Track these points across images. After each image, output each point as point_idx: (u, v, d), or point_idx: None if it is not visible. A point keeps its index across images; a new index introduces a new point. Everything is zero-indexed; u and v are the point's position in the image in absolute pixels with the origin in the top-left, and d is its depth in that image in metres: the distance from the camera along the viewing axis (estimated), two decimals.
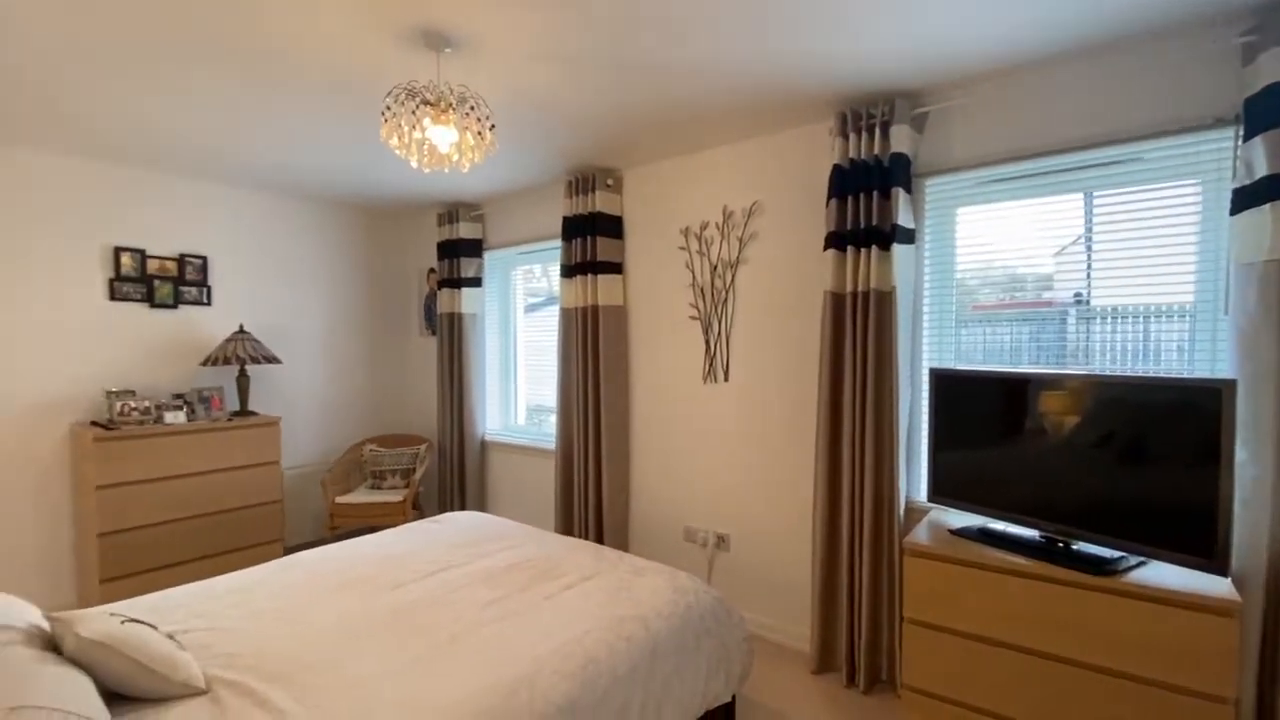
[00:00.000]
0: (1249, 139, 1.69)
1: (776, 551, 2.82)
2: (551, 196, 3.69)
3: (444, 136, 1.88)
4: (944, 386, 2.14)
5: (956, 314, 2.41)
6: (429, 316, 4.46)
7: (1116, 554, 1.77)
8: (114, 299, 3.27)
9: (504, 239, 4.03)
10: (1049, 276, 2.24)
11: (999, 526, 2.03)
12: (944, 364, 2.42)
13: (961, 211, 2.37)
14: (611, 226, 3.29)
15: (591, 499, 3.33)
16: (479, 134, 1.94)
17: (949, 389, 2.13)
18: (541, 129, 2.75)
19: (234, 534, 3.33)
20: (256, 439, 3.42)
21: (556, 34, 1.91)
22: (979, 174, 2.28)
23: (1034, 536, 1.93)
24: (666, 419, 3.21)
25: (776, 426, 2.81)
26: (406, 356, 4.67)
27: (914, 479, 2.45)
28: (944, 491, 2.13)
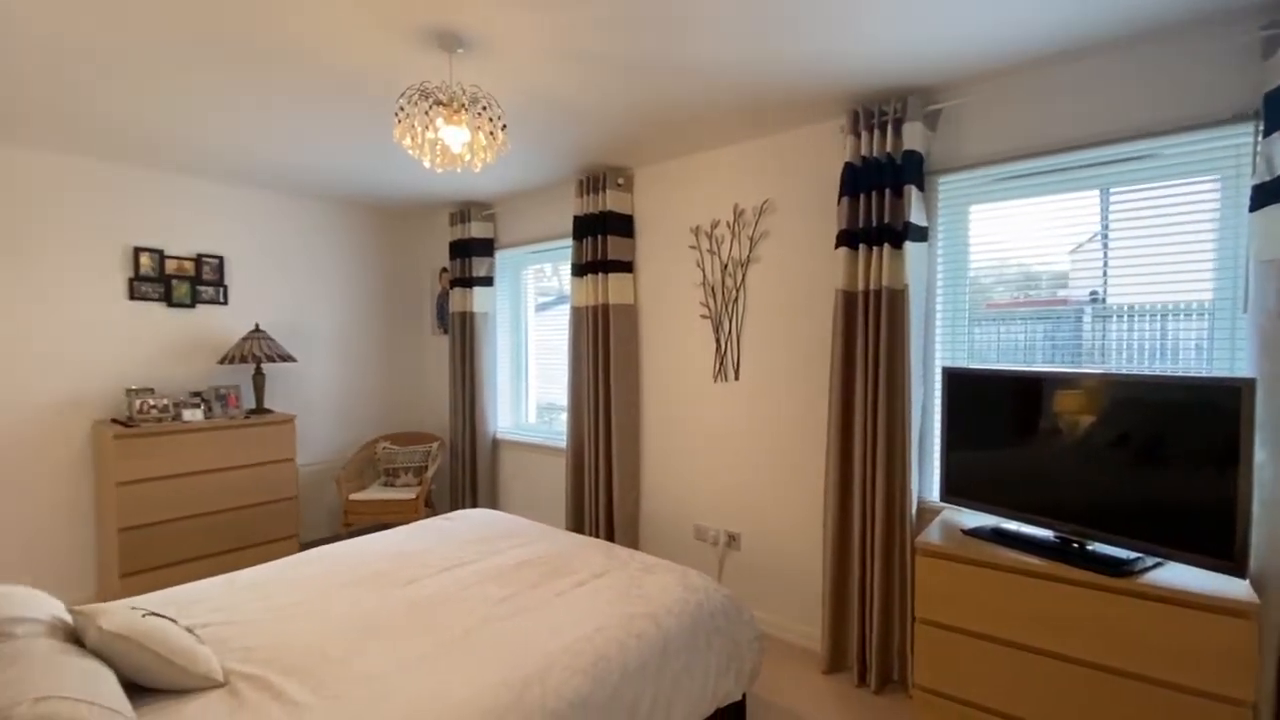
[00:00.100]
0: (1269, 134, 1.66)
1: (787, 550, 2.82)
2: (562, 196, 3.71)
3: (456, 137, 1.90)
4: (957, 386, 2.12)
5: (970, 312, 2.39)
6: (441, 315, 4.49)
7: (1132, 555, 1.75)
8: (133, 298, 3.33)
9: (515, 238, 4.05)
10: (1064, 274, 2.22)
11: (1012, 527, 2.02)
12: (957, 363, 2.40)
13: (975, 209, 2.35)
14: (622, 225, 3.29)
15: (602, 497, 3.34)
16: (491, 134, 1.95)
17: (962, 388, 2.11)
18: (553, 128, 2.76)
19: (250, 530, 3.38)
20: (272, 436, 3.47)
21: (568, 34, 1.92)
22: (993, 171, 2.26)
23: (1048, 537, 1.91)
24: (677, 417, 3.22)
25: (787, 425, 2.81)
26: (419, 355, 4.71)
27: (926, 479, 2.43)
28: (957, 491, 2.12)
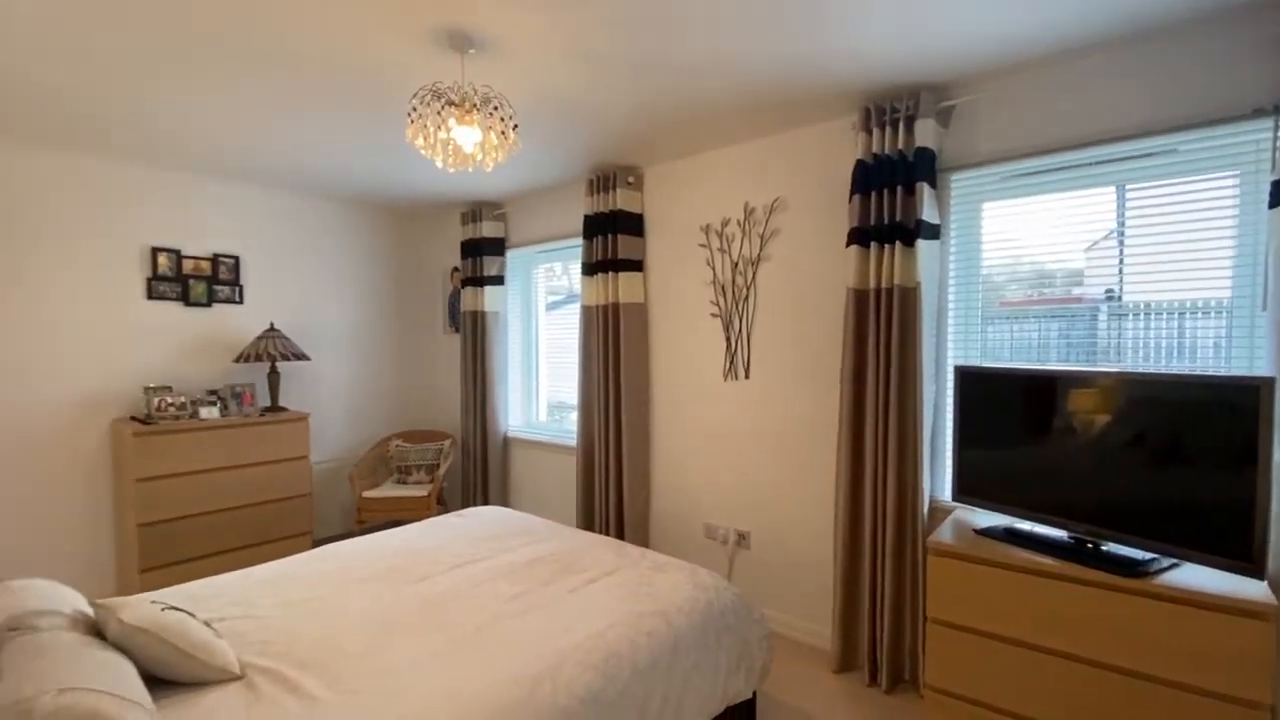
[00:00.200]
0: None
1: (798, 549, 2.81)
2: (573, 195, 3.72)
3: (468, 137, 1.91)
4: (969, 384, 2.11)
5: (983, 310, 2.37)
6: (453, 314, 4.52)
7: (1148, 555, 1.73)
8: (151, 298, 3.38)
9: (526, 237, 4.07)
10: (1079, 272, 2.19)
11: (1025, 526, 2.00)
12: (969, 361, 2.39)
13: (988, 206, 2.33)
14: (632, 224, 3.29)
15: (612, 495, 3.35)
16: (502, 134, 1.96)
17: (975, 387, 2.10)
18: (563, 128, 2.77)
19: (265, 526, 3.42)
20: (287, 434, 3.51)
21: (578, 34, 1.93)
22: (1006, 168, 2.24)
23: (1062, 537, 1.89)
24: (687, 416, 3.22)
25: (798, 424, 2.80)
26: (431, 353, 4.74)
27: (938, 478, 2.42)
28: (969, 490, 2.10)
